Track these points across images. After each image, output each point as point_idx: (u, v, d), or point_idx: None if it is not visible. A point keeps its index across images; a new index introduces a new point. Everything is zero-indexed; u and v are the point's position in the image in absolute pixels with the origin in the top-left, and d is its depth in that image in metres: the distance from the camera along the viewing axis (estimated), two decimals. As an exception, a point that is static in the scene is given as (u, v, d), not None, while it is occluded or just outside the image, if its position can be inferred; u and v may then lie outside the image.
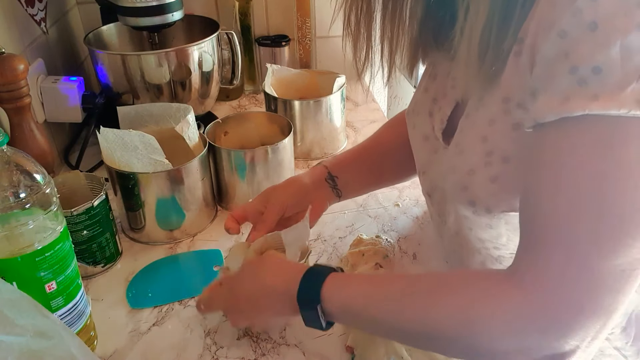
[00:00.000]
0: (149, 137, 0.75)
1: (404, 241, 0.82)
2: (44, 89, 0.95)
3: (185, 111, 0.84)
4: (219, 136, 0.93)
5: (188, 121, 0.83)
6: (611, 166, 0.42)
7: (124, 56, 0.99)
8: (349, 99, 1.27)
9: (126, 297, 0.74)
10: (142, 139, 0.75)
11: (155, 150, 0.76)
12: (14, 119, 0.82)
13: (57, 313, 0.59)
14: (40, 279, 0.57)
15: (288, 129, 0.90)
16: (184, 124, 0.82)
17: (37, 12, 0.99)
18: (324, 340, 0.66)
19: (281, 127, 0.94)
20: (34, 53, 0.96)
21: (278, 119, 0.95)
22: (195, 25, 1.12)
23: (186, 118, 0.83)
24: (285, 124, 0.92)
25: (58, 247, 0.57)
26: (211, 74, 1.07)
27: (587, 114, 0.41)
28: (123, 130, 0.76)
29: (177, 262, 0.80)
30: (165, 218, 0.82)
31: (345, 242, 0.82)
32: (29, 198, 0.54)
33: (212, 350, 0.65)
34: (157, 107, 0.86)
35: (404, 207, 0.90)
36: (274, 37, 1.29)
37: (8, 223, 0.53)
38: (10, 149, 0.54)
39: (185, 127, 0.82)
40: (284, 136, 0.88)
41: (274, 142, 0.86)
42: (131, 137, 0.75)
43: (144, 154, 0.76)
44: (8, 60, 0.78)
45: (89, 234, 0.73)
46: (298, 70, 1.12)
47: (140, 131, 0.76)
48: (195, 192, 0.83)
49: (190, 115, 0.84)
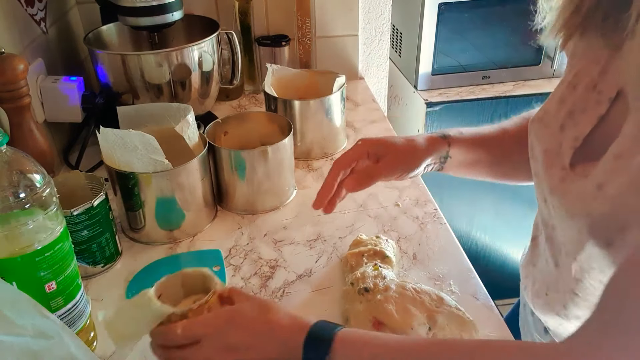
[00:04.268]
0: (148, 137, 0.75)
1: (404, 241, 0.82)
2: (43, 89, 0.95)
3: (185, 111, 0.84)
4: (218, 136, 0.93)
5: (188, 121, 0.83)
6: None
7: (124, 56, 0.99)
8: (349, 99, 1.27)
9: (126, 297, 0.74)
10: (142, 139, 0.75)
11: (155, 150, 0.76)
12: (13, 119, 0.82)
13: (57, 313, 0.59)
14: (40, 279, 0.57)
15: (288, 129, 0.90)
16: (184, 124, 0.82)
17: (37, 12, 0.99)
18: (324, 340, 0.66)
19: (281, 127, 0.94)
20: (33, 53, 0.96)
21: (278, 118, 0.95)
22: (195, 25, 1.12)
23: (186, 118, 0.83)
24: (285, 123, 0.92)
25: (58, 247, 0.57)
26: (211, 74, 1.07)
27: None
28: (123, 130, 0.76)
29: (177, 262, 0.80)
30: (165, 218, 0.82)
31: (345, 242, 0.82)
32: (29, 198, 0.54)
33: (212, 350, 0.65)
34: (157, 107, 0.86)
35: (404, 207, 0.90)
36: (274, 37, 1.29)
37: (8, 223, 0.53)
38: (10, 149, 0.54)
39: (185, 127, 0.82)
40: (283, 136, 0.88)
41: (274, 142, 0.86)
42: (131, 137, 0.75)
43: (144, 154, 0.76)
44: (8, 60, 0.78)
45: (88, 234, 0.73)
46: (298, 70, 1.12)
47: (140, 131, 0.76)
48: (195, 192, 0.83)
49: (190, 115, 0.84)
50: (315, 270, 0.78)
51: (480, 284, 0.74)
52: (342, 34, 1.35)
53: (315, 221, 0.87)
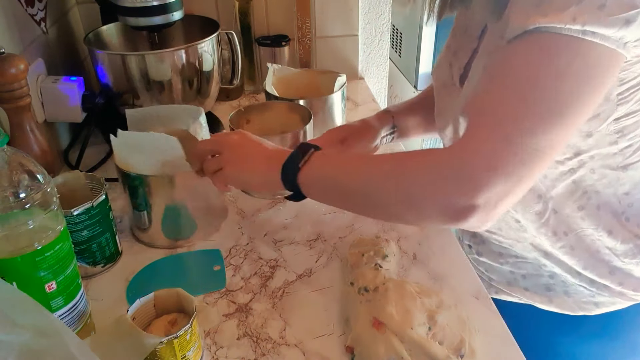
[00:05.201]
0: (172, 138, 0.73)
1: (404, 241, 0.82)
2: (44, 89, 0.95)
3: (197, 113, 0.83)
4: (241, 124, 0.94)
5: (201, 123, 0.82)
6: (543, 65, 0.53)
7: (124, 56, 0.99)
8: (349, 99, 1.27)
9: (126, 297, 0.74)
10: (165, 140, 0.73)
11: (176, 151, 0.74)
12: (14, 119, 0.82)
13: (57, 313, 0.59)
14: (40, 279, 0.57)
15: (308, 118, 0.91)
16: (197, 126, 0.81)
17: (37, 12, 0.99)
18: (324, 340, 0.66)
19: (302, 116, 0.95)
20: (33, 53, 0.96)
21: (299, 108, 0.96)
22: (195, 25, 1.12)
23: (198, 120, 0.81)
24: (306, 113, 0.93)
25: (58, 247, 0.57)
26: (211, 74, 1.07)
27: (538, 27, 0.53)
28: (140, 132, 0.74)
29: (177, 262, 0.80)
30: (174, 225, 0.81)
31: (345, 242, 0.82)
32: (29, 198, 0.54)
33: (212, 350, 0.65)
34: (165, 109, 0.84)
35: (404, 207, 0.90)
36: (274, 37, 1.29)
37: (8, 223, 0.53)
38: (10, 149, 0.54)
39: (198, 129, 0.81)
40: (304, 124, 0.90)
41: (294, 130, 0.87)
42: (149, 139, 0.74)
43: (160, 156, 0.74)
44: (8, 60, 0.78)
45: (88, 234, 0.73)
46: (299, 70, 1.12)
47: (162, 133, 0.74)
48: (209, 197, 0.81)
49: (202, 117, 0.82)
50: (315, 270, 0.78)
51: (480, 284, 0.74)
52: (342, 34, 1.35)
53: (315, 221, 0.87)
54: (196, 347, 0.61)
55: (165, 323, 0.62)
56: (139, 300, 0.61)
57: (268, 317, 0.70)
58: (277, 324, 0.69)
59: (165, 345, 0.56)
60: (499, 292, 0.84)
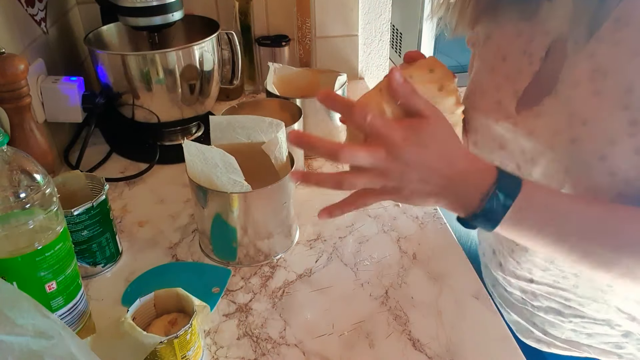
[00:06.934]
0: (229, 156, 0.71)
1: (404, 241, 0.82)
2: (44, 89, 0.95)
3: (278, 127, 0.80)
4: None
5: (278, 139, 0.78)
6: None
7: (124, 56, 0.99)
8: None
9: (121, 301, 0.73)
10: (222, 157, 0.72)
11: (234, 170, 0.72)
12: (14, 119, 0.82)
13: (57, 313, 0.59)
14: (40, 279, 0.57)
15: (299, 115, 0.93)
16: (272, 142, 0.78)
17: (37, 12, 0.99)
18: (324, 340, 0.66)
19: (292, 113, 0.97)
20: (34, 53, 0.96)
21: (289, 106, 0.98)
22: (195, 25, 1.12)
23: (276, 135, 0.78)
24: (295, 110, 0.96)
25: (58, 247, 0.57)
26: (211, 74, 1.07)
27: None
28: (204, 146, 0.72)
29: (182, 268, 0.80)
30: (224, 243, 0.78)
31: (345, 242, 0.82)
32: (29, 198, 0.54)
33: (212, 350, 0.65)
34: (250, 120, 0.82)
35: (404, 207, 0.90)
36: (274, 37, 1.29)
37: (8, 223, 0.53)
38: (11, 149, 0.54)
39: (273, 147, 0.78)
40: (294, 122, 0.91)
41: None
42: (212, 154, 0.72)
43: (223, 172, 0.72)
44: (8, 60, 0.78)
45: (89, 233, 0.73)
46: (300, 69, 1.12)
47: (222, 150, 0.72)
48: (274, 217, 0.78)
49: (282, 133, 0.78)
50: (315, 270, 0.78)
51: (480, 284, 0.74)
52: (342, 34, 1.35)
53: (315, 221, 0.87)
54: (196, 347, 0.61)
55: (165, 323, 0.63)
56: (139, 300, 0.61)
57: (268, 317, 0.70)
58: (277, 324, 0.69)
59: (166, 345, 0.57)
60: (550, 346, 0.78)
